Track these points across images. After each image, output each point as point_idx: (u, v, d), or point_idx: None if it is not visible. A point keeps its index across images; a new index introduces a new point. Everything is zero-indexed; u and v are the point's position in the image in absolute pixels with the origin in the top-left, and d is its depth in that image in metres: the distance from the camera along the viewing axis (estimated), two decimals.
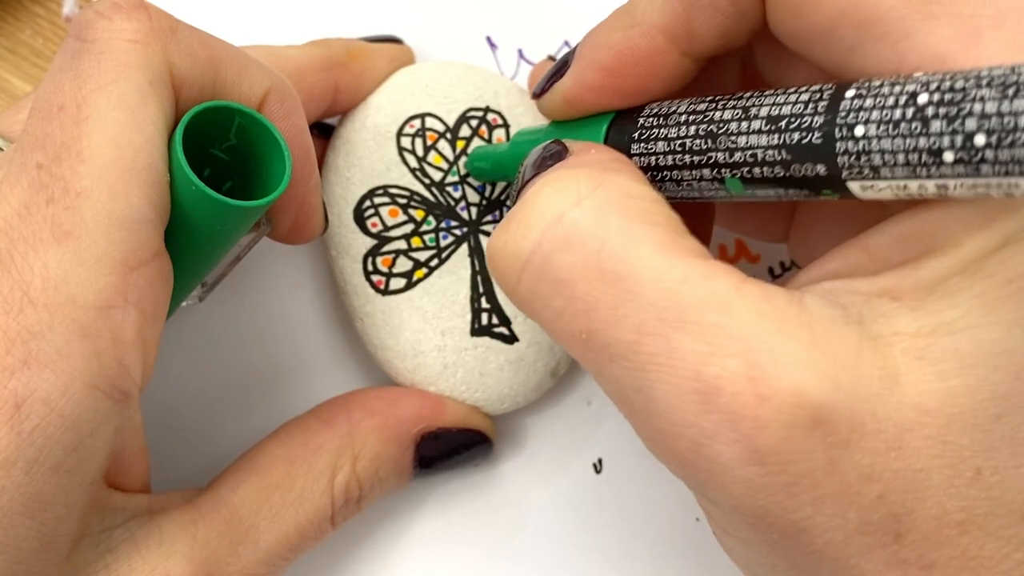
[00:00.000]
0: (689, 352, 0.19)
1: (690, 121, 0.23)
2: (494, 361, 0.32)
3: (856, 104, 0.19)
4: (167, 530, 0.26)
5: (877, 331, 0.19)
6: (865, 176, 0.19)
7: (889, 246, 0.21)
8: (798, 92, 0.21)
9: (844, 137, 0.19)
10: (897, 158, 0.18)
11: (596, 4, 0.36)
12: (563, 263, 0.21)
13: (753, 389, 0.18)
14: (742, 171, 0.22)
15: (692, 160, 0.23)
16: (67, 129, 0.22)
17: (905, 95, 0.18)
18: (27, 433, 0.21)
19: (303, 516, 0.28)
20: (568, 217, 0.21)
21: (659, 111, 0.24)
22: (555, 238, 0.21)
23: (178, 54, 0.24)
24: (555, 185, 0.22)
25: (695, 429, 0.19)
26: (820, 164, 0.20)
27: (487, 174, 0.32)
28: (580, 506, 0.33)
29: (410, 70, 0.33)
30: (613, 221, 0.21)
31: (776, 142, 0.21)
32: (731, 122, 0.22)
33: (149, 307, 0.23)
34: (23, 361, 0.21)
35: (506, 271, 0.22)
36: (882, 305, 0.20)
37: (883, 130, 0.18)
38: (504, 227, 0.22)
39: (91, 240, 0.22)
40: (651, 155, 0.24)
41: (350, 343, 0.34)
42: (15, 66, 0.38)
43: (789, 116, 0.20)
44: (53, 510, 0.22)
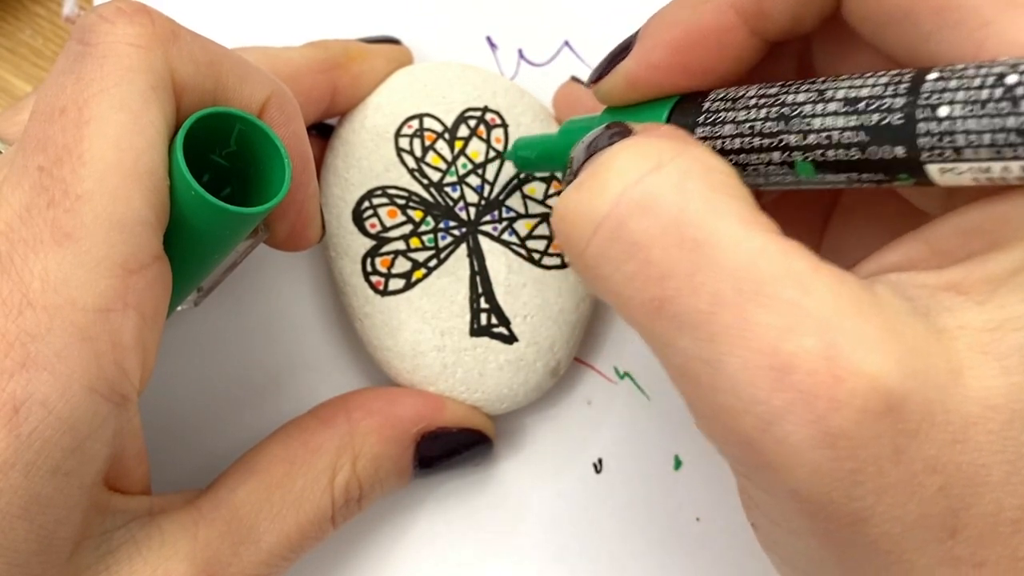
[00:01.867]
0: (766, 326, 0.19)
1: (760, 104, 0.22)
2: (493, 361, 0.32)
3: (939, 86, 0.19)
4: (168, 531, 0.26)
5: (943, 324, 0.19)
6: (946, 158, 0.19)
7: (953, 239, 0.20)
8: (876, 76, 0.20)
9: (927, 118, 0.19)
10: (983, 138, 0.18)
11: (596, 4, 0.36)
12: (640, 227, 0.20)
13: (830, 369, 0.18)
14: (815, 154, 0.21)
15: (761, 143, 0.22)
16: (69, 132, 0.22)
17: (992, 76, 0.18)
18: (25, 436, 0.21)
19: (304, 516, 0.28)
20: (648, 180, 0.20)
21: (726, 95, 0.24)
22: (633, 201, 0.20)
23: (180, 59, 0.24)
24: (635, 149, 0.21)
25: (765, 407, 0.19)
26: (899, 146, 0.19)
27: (532, 164, 0.31)
28: (580, 506, 0.33)
29: (408, 70, 0.33)
30: (694, 188, 0.20)
31: (854, 123, 0.20)
32: (805, 104, 0.21)
33: (148, 310, 0.23)
34: (22, 363, 0.21)
35: (577, 231, 0.21)
36: (948, 299, 0.20)
37: (969, 110, 0.18)
38: (577, 187, 0.22)
39: (91, 243, 0.22)
40: (717, 138, 0.23)
41: (349, 344, 0.34)
42: (15, 66, 0.38)
43: (868, 98, 0.20)
44: (52, 512, 0.22)
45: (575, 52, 0.36)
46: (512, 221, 0.32)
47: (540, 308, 0.32)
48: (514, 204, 0.32)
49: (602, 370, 0.34)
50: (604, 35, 0.36)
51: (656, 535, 0.33)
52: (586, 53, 0.36)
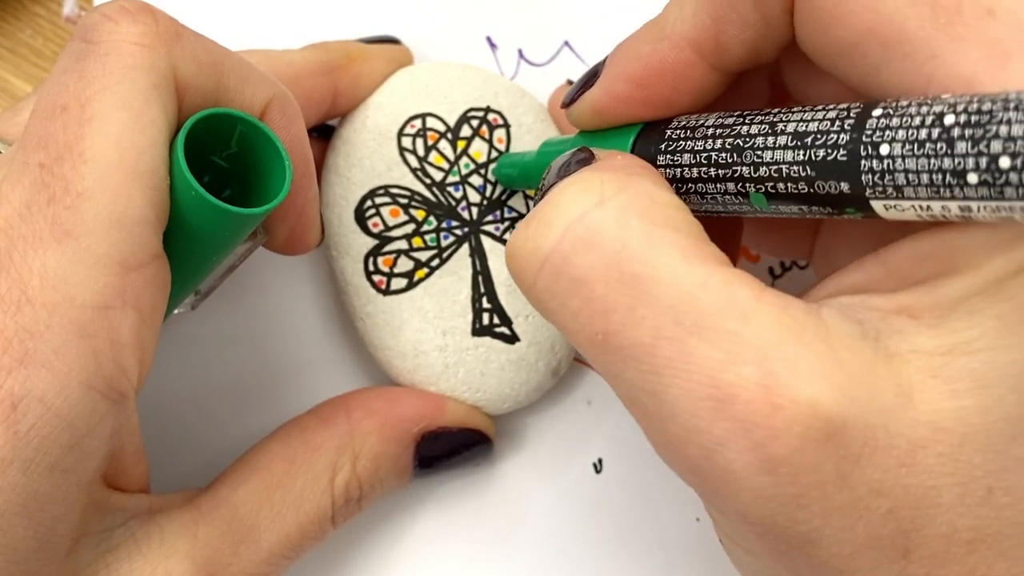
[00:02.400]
0: (705, 357, 0.19)
1: (716, 135, 0.23)
2: (495, 361, 0.32)
3: (883, 123, 0.19)
4: (168, 530, 0.26)
5: (894, 348, 0.19)
6: (888, 195, 0.19)
7: (908, 263, 0.21)
8: (825, 109, 0.21)
9: (869, 155, 0.19)
10: (921, 178, 0.18)
11: (596, 4, 0.36)
12: (583, 263, 0.21)
13: (767, 398, 0.18)
14: (766, 186, 0.21)
15: (717, 173, 0.22)
16: (70, 129, 0.22)
17: (932, 115, 0.18)
18: (23, 433, 0.21)
19: (304, 516, 0.28)
20: (590, 217, 0.21)
21: (686, 123, 0.24)
22: (576, 237, 0.21)
23: (182, 59, 0.24)
24: (579, 185, 0.22)
25: (707, 435, 0.19)
26: (844, 181, 0.20)
27: (515, 181, 0.32)
28: (580, 506, 0.33)
29: (410, 70, 0.33)
30: (635, 223, 0.21)
31: (801, 158, 0.20)
32: (757, 137, 0.22)
33: (147, 308, 0.23)
34: (20, 360, 0.21)
35: (524, 268, 0.22)
36: (899, 322, 0.20)
37: (908, 149, 0.18)
38: (525, 225, 0.22)
39: (91, 240, 0.22)
40: (677, 167, 0.24)
41: (351, 343, 0.34)
42: (15, 66, 0.38)
43: (815, 132, 0.20)
44: (51, 510, 0.22)
45: (575, 52, 0.36)
46: (514, 221, 0.32)
47: None
48: (516, 204, 0.32)
49: None
50: (604, 35, 0.36)
51: (656, 535, 0.33)
52: (586, 53, 0.36)
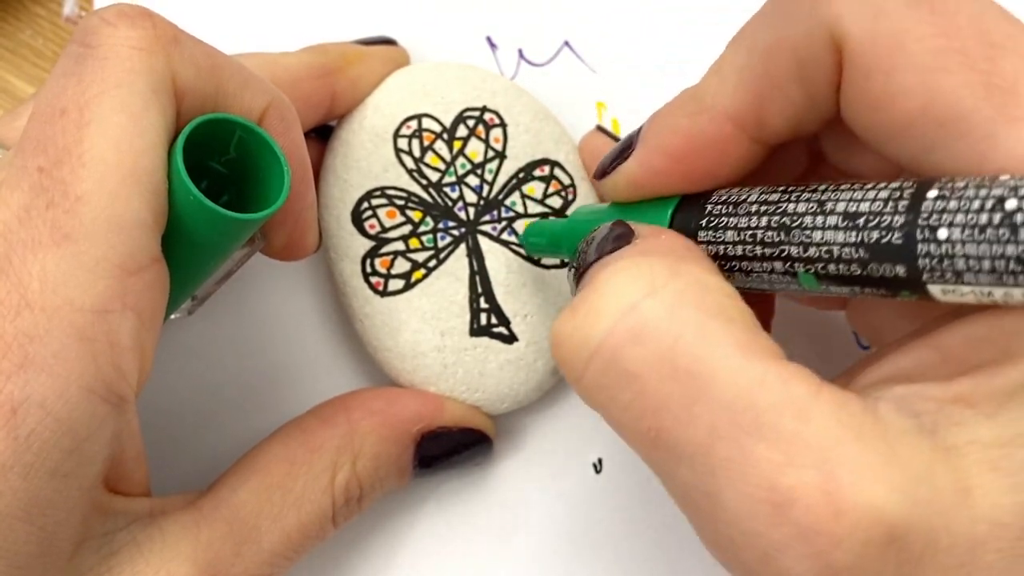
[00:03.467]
0: (764, 459, 0.18)
1: (762, 212, 0.22)
2: (494, 361, 0.32)
3: (939, 206, 0.18)
4: (170, 532, 0.26)
5: (951, 441, 0.19)
6: (947, 280, 0.18)
7: (963, 348, 0.20)
8: (876, 188, 0.20)
9: (926, 239, 0.18)
10: (983, 264, 0.18)
11: (596, 4, 0.36)
12: (635, 356, 0.20)
13: (829, 503, 0.18)
14: (816, 267, 0.21)
15: (764, 252, 0.22)
16: (69, 133, 0.22)
17: (992, 199, 0.17)
18: (24, 437, 0.21)
19: (304, 516, 0.28)
20: (642, 308, 0.20)
21: (728, 198, 0.23)
22: (627, 329, 0.20)
23: (181, 63, 0.24)
24: (628, 272, 0.21)
25: (765, 540, 0.19)
26: (900, 265, 0.19)
27: (543, 249, 0.31)
28: (580, 506, 0.33)
29: (407, 71, 0.33)
30: (689, 315, 0.20)
31: (854, 239, 0.20)
32: (805, 215, 0.21)
33: (146, 312, 0.23)
34: (20, 364, 0.21)
35: (572, 359, 0.21)
36: (957, 412, 0.19)
37: (968, 235, 0.18)
38: (572, 312, 0.22)
39: (90, 244, 0.22)
40: (719, 243, 0.23)
41: (350, 345, 0.34)
42: (16, 67, 0.38)
43: (868, 213, 0.20)
44: (52, 514, 0.22)
45: (575, 52, 0.36)
46: (511, 221, 0.32)
47: (540, 307, 0.32)
48: (513, 204, 0.32)
49: None
50: (604, 35, 0.36)
51: (656, 535, 0.33)
52: (586, 53, 0.36)
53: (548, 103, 0.34)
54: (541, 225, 0.31)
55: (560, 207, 0.33)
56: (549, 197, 0.33)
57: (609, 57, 0.36)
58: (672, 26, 0.36)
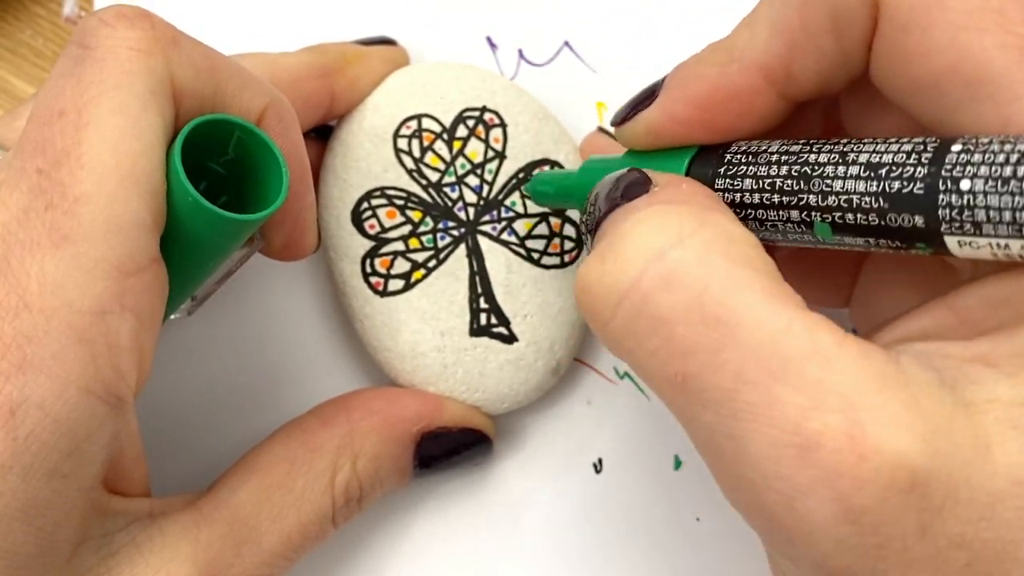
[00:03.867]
0: (790, 404, 0.19)
1: (782, 161, 0.22)
2: (493, 361, 0.32)
3: (963, 159, 0.19)
4: (169, 533, 0.26)
5: (971, 397, 0.19)
6: (966, 232, 0.19)
7: (980, 309, 0.20)
8: (899, 142, 0.20)
9: (948, 190, 0.19)
10: (1004, 215, 0.18)
11: (596, 4, 0.36)
12: (664, 302, 0.20)
13: (853, 447, 0.18)
14: (834, 216, 0.21)
15: (781, 200, 0.22)
16: (67, 134, 0.22)
17: (1017, 153, 0.18)
18: (22, 438, 0.21)
19: (304, 516, 0.28)
20: (671, 255, 0.20)
21: (748, 148, 0.23)
22: (657, 275, 0.20)
23: (180, 64, 0.24)
24: (656, 220, 0.21)
25: (789, 483, 0.19)
26: (919, 215, 0.19)
27: (550, 198, 0.31)
28: (580, 506, 0.33)
29: (407, 71, 0.33)
30: (717, 263, 0.20)
31: (875, 189, 0.20)
32: (827, 165, 0.21)
33: (145, 313, 0.23)
34: (18, 366, 0.21)
35: (601, 305, 0.21)
36: (976, 371, 0.19)
37: (991, 186, 0.18)
38: (598, 258, 0.22)
39: (88, 245, 0.22)
40: (736, 191, 0.23)
41: (350, 345, 0.34)
42: (16, 67, 0.38)
43: (890, 164, 0.20)
44: (51, 515, 0.22)
45: (575, 52, 0.36)
46: (511, 221, 0.32)
47: (540, 308, 0.32)
48: (513, 204, 0.32)
49: (602, 370, 0.34)
50: (604, 35, 0.36)
51: (656, 535, 0.33)
52: (586, 53, 0.36)
53: (548, 103, 0.34)
54: (549, 175, 0.31)
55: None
56: None
57: (609, 57, 0.36)
58: (672, 26, 0.36)
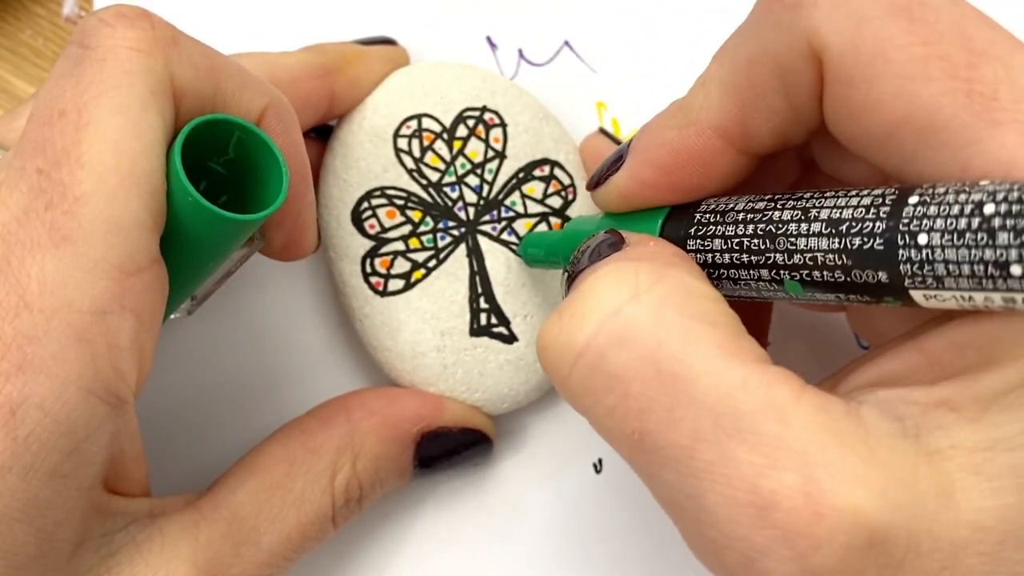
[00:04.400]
0: (745, 463, 0.19)
1: (748, 220, 0.22)
2: (493, 361, 0.32)
3: (919, 211, 0.18)
4: (169, 533, 0.26)
5: (934, 444, 0.19)
6: (928, 286, 0.19)
7: (947, 352, 0.20)
8: (859, 195, 0.20)
9: (907, 245, 0.19)
10: (962, 269, 0.18)
11: (596, 4, 0.36)
12: (619, 359, 0.20)
13: (810, 506, 0.18)
14: (801, 273, 0.21)
15: (750, 260, 0.22)
16: (67, 135, 0.22)
17: (971, 204, 0.18)
18: (22, 438, 0.21)
19: (304, 516, 0.28)
20: (626, 311, 0.20)
21: (716, 207, 0.24)
22: (611, 333, 0.20)
23: (180, 64, 0.24)
24: (613, 277, 0.21)
25: (747, 543, 0.19)
26: (882, 271, 0.19)
27: (541, 261, 0.31)
28: (580, 506, 0.33)
29: (407, 71, 0.33)
30: (672, 319, 0.20)
31: (837, 246, 0.20)
32: (790, 223, 0.21)
33: (145, 313, 0.23)
34: (18, 366, 0.21)
35: (557, 362, 0.21)
36: (940, 416, 0.19)
37: (948, 240, 0.18)
38: (558, 317, 0.22)
39: (89, 245, 0.22)
40: (707, 252, 0.23)
41: (350, 345, 0.34)
42: (15, 66, 0.38)
43: (850, 220, 0.20)
44: (51, 515, 0.22)
45: (575, 52, 0.36)
46: (511, 221, 0.32)
47: (540, 307, 0.32)
48: (513, 204, 0.32)
49: None
50: (604, 35, 0.36)
51: (656, 535, 0.33)
52: (586, 53, 0.36)
53: (548, 103, 0.34)
54: (538, 236, 0.31)
55: (560, 207, 0.33)
56: (549, 197, 0.33)
57: (609, 57, 0.36)
58: (672, 26, 0.36)
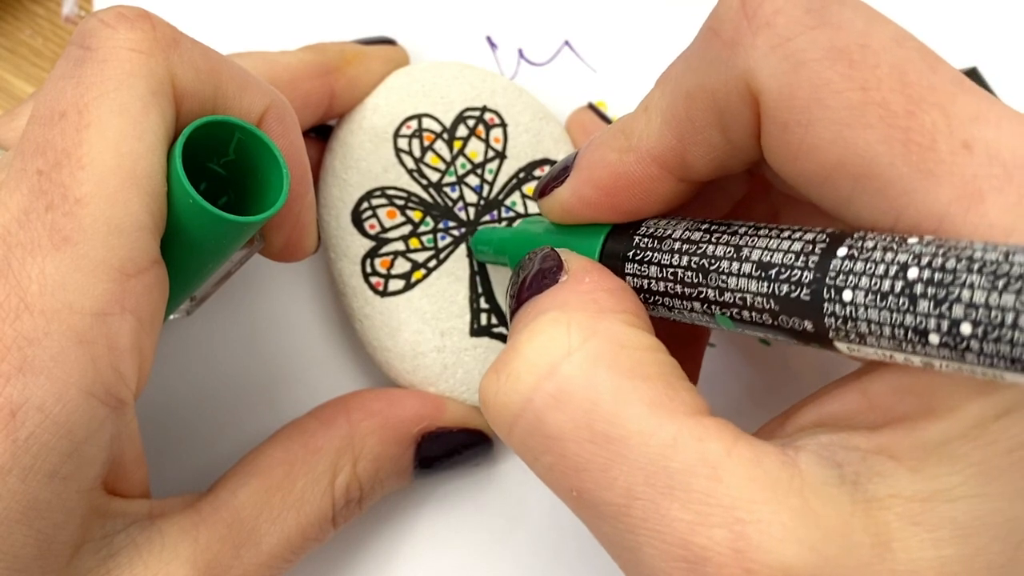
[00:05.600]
0: (677, 520, 0.19)
1: (683, 250, 0.22)
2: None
3: (846, 266, 0.18)
4: (169, 534, 0.26)
5: (873, 492, 0.19)
6: (852, 340, 0.19)
7: (889, 396, 0.20)
8: (791, 239, 0.20)
9: (832, 299, 0.19)
10: (883, 330, 0.18)
11: (596, 4, 0.36)
12: (554, 421, 0.21)
13: (739, 562, 0.18)
14: (731, 311, 0.21)
15: (683, 291, 0.22)
16: (68, 136, 0.22)
17: (896, 265, 0.18)
18: (22, 440, 0.21)
19: (304, 518, 0.28)
20: (559, 372, 0.21)
21: (654, 231, 0.24)
22: (547, 395, 0.21)
23: (180, 66, 0.24)
24: (547, 333, 0.22)
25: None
26: (807, 321, 0.19)
27: (488, 257, 0.31)
28: None
29: (407, 71, 0.33)
30: (604, 377, 0.21)
31: (765, 290, 0.20)
32: (723, 260, 0.21)
33: (145, 314, 0.23)
34: (19, 368, 0.21)
35: (498, 421, 0.22)
36: (880, 464, 0.19)
37: (871, 299, 0.18)
38: (495, 373, 0.22)
39: (89, 246, 0.22)
40: (644, 278, 0.23)
41: (350, 345, 0.34)
42: (15, 66, 0.38)
43: (780, 266, 0.20)
44: (51, 517, 0.22)
45: (575, 52, 0.36)
46: (511, 221, 0.32)
47: None
48: (513, 204, 0.32)
49: None
50: (604, 35, 0.36)
51: None
52: (586, 53, 0.36)
53: (548, 103, 0.34)
54: (489, 233, 0.31)
55: None
56: None
57: (609, 57, 0.36)
58: (672, 26, 0.36)
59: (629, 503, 0.20)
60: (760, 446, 0.20)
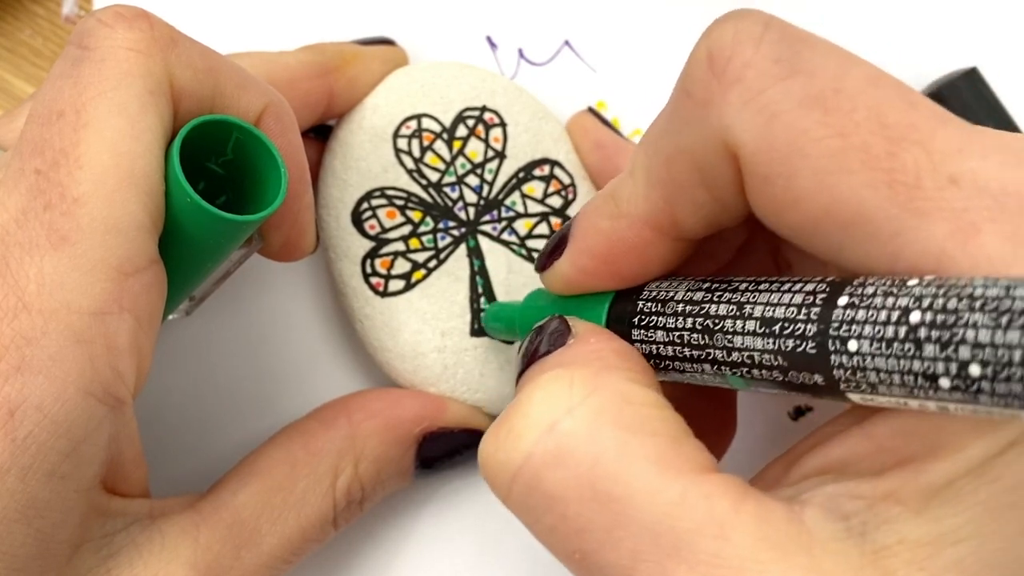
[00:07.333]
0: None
1: (687, 312, 0.22)
2: (494, 361, 0.32)
3: (848, 315, 0.18)
4: (169, 534, 0.26)
5: (881, 541, 0.19)
6: (863, 390, 0.18)
7: (893, 438, 0.20)
8: (792, 291, 0.20)
9: (838, 351, 0.18)
10: (893, 378, 0.17)
11: (596, 4, 0.36)
12: (555, 479, 0.20)
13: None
14: (741, 371, 0.21)
15: (692, 354, 0.22)
16: (66, 135, 0.22)
17: (898, 310, 0.17)
18: (21, 440, 0.21)
19: (305, 519, 0.28)
20: (560, 428, 0.20)
21: (657, 295, 0.23)
22: (547, 451, 0.20)
23: (178, 65, 0.24)
24: (548, 389, 0.21)
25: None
26: (817, 374, 0.19)
27: (501, 333, 0.31)
28: None
29: (406, 71, 0.33)
30: (607, 433, 0.20)
31: (772, 347, 0.20)
32: (726, 319, 0.21)
33: (144, 314, 0.23)
34: (17, 367, 0.21)
35: (496, 480, 0.21)
36: (886, 510, 0.19)
37: (876, 348, 0.17)
38: (495, 431, 0.21)
39: (87, 246, 0.22)
40: (652, 343, 0.23)
41: (350, 345, 0.34)
42: (15, 66, 0.38)
43: (783, 320, 0.19)
44: (50, 516, 0.22)
45: (575, 52, 0.36)
46: (511, 221, 0.32)
47: None
48: (513, 204, 0.32)
49: None
50: (604, 35, 0.36)
51: None
52: (586, 53, 0.36)
53: (548, 103, 0.34)
54: (499, 308, 0.31)
55: (560, 206, 0.33)
56: (549, 197, 0.33)
57: (609, 57, 0.36)
58: (672, 26, 0.36)
59: (635, 566, 0.19)
60: (767, 503, 0.19)
